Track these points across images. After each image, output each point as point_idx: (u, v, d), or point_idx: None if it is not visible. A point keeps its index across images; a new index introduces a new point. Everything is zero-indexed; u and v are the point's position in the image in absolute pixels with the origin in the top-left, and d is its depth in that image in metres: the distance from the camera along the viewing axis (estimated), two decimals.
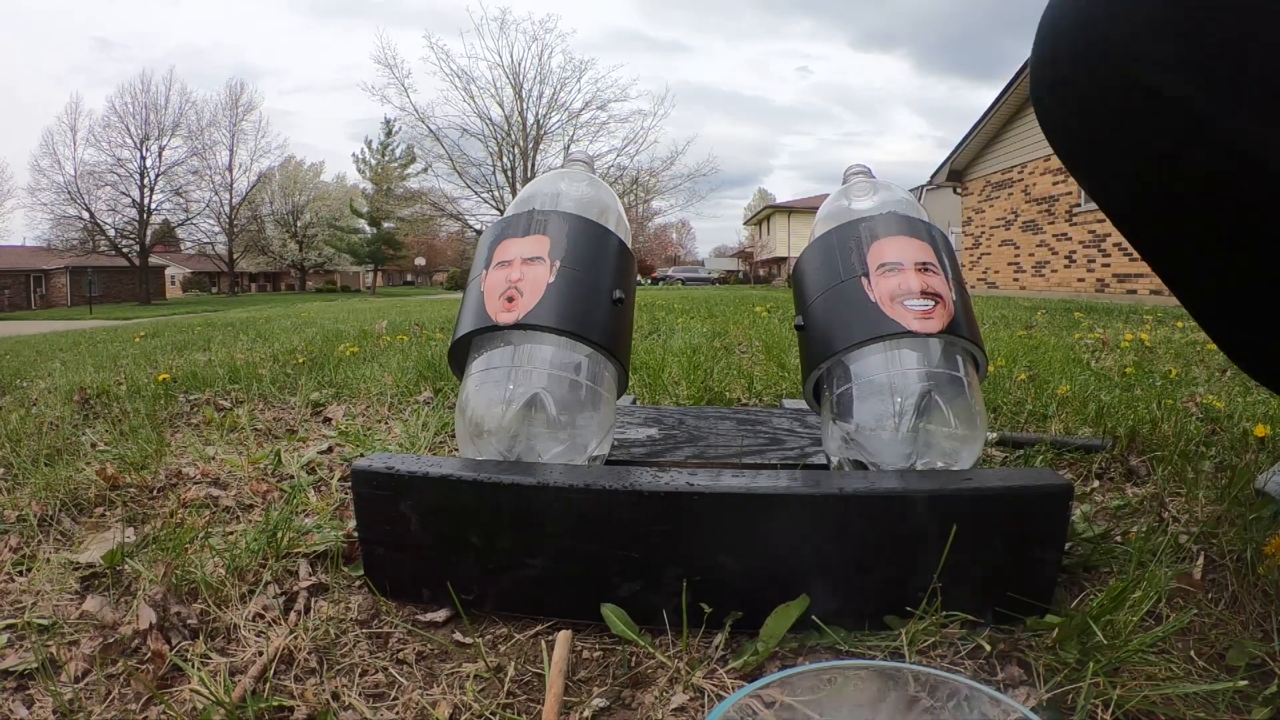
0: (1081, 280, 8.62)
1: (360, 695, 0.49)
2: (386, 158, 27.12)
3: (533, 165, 22.69)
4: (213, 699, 0.46)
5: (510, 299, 0.64)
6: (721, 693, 0.48)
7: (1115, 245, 7.98)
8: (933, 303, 0.64)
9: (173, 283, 33.93)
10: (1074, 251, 8.75)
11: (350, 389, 1.56)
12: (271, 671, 0.50)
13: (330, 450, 1.07)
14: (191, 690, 0.48)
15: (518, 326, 0.63)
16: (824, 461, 0.76)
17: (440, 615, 0.58)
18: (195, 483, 0.92)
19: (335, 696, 0.48)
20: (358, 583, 0.64)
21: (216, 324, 5.00)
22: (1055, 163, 8.98)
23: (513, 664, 0.52)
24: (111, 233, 25.35)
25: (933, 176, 12.03)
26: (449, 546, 0.57)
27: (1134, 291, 7.64)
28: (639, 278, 1.71)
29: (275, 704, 0.47)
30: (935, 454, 0.62)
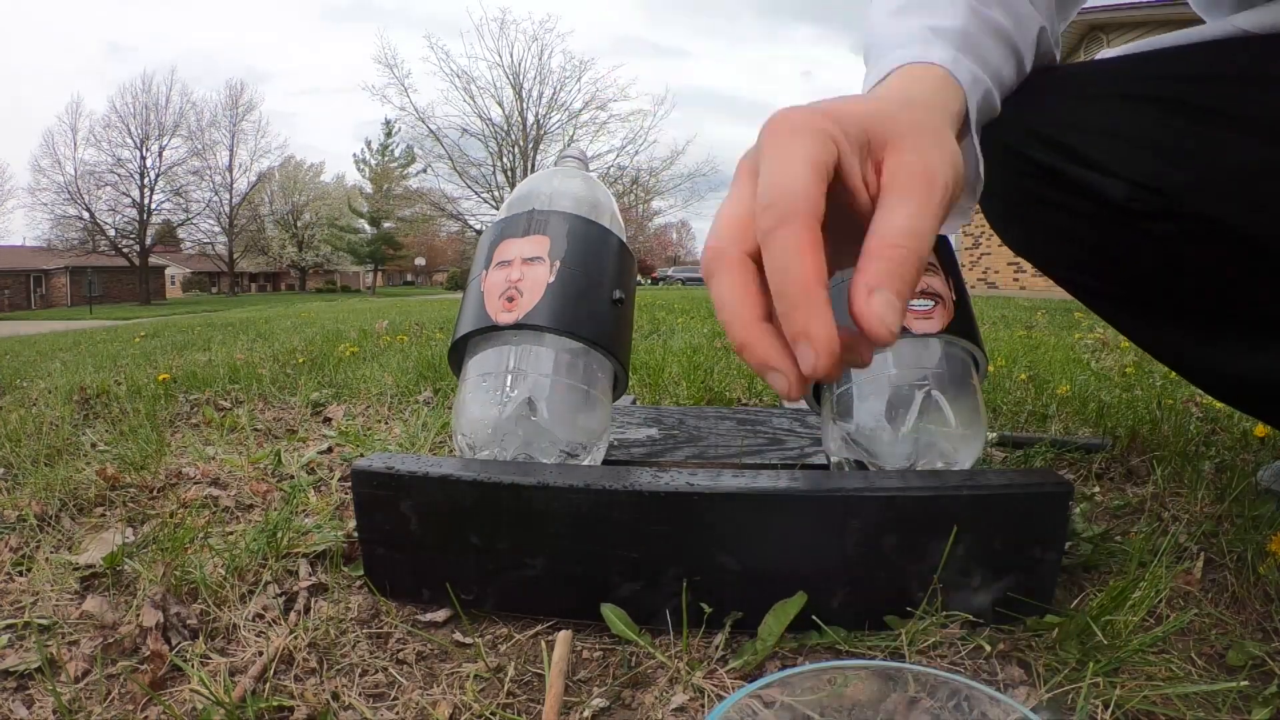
0: None
1: (360, 695, 0.49)
2: (386, 158, 27.14)
3: (532, 165, 22.71)
4: (213, 699, 0.46)
5: (510, 299, 0.64)
6: (721, 693, 0.48)
7: None
8: (933, 303, 0.64)
9: (172, 283, 33.94)
10: None
11: (350, 389, 1.56)
12: (271, 671, 0.50)
13: (330, 450, 1.07)
14: (191, 690, 0.48)
15: (517, 326, 0.63)
16: (824, 461, 0.76)
17: (440, 615, 0.58)
18: (195, 483, 0.92)
19: (335, 696, 0.48)
20: (358, 583, 0.64)
21: (216, 324, 5.01)
22: None
23: (513, 664, 0.52)
24: (111, 233, 25.37)
25: None
26: (449, 546, 0.57)
27: None
28: (639, 278, 1.71)
29: (275, 704, 0.47)
30: (935, 454, 0.62)
